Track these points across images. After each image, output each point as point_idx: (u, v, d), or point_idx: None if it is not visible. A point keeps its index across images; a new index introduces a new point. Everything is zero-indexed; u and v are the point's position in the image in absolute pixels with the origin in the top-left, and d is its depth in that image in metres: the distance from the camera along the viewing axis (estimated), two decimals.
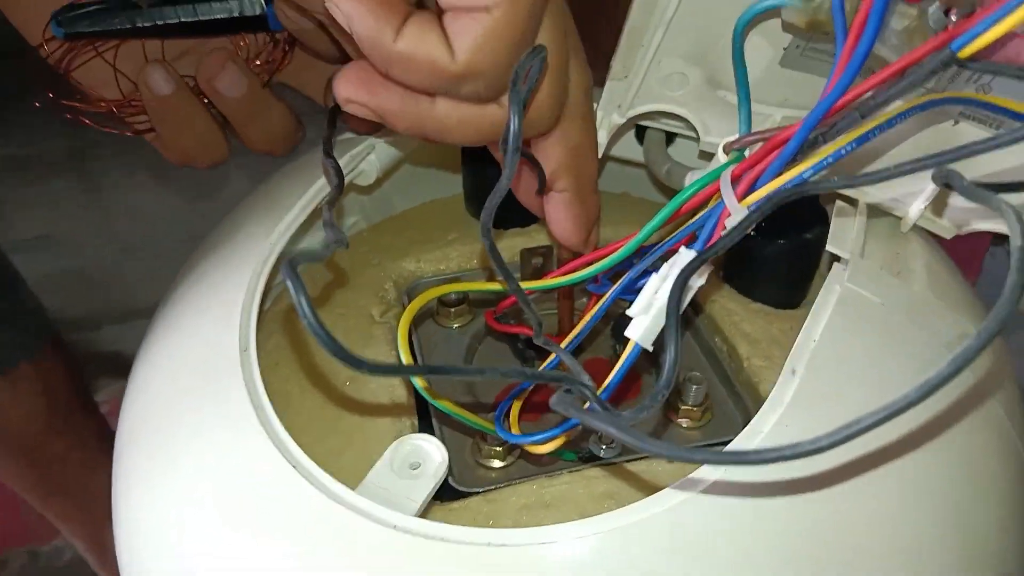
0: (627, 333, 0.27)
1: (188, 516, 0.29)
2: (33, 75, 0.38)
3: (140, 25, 0.35)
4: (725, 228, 0.27)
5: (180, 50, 0.38)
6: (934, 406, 0.29)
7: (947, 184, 0.24)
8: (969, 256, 0.87)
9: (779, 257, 0.38)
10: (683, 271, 0.26)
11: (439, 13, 0.27)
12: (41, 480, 0.79)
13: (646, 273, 0.30)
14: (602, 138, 0.37)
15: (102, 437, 0.82)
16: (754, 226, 0.27)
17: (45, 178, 1.58)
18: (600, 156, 0.38)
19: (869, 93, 0.26)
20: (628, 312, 0.27)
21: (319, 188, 0.38)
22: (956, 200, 0.35)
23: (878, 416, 0.18)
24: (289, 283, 0.20)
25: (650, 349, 0.27)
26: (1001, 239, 0.36)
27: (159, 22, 0.35)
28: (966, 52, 0.23)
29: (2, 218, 1.50)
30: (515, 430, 0.31)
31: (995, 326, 0.18)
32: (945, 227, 0.36)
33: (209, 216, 0.43)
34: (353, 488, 0.28)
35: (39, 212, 1.51)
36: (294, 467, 0.27)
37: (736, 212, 0.27)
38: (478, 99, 0.28)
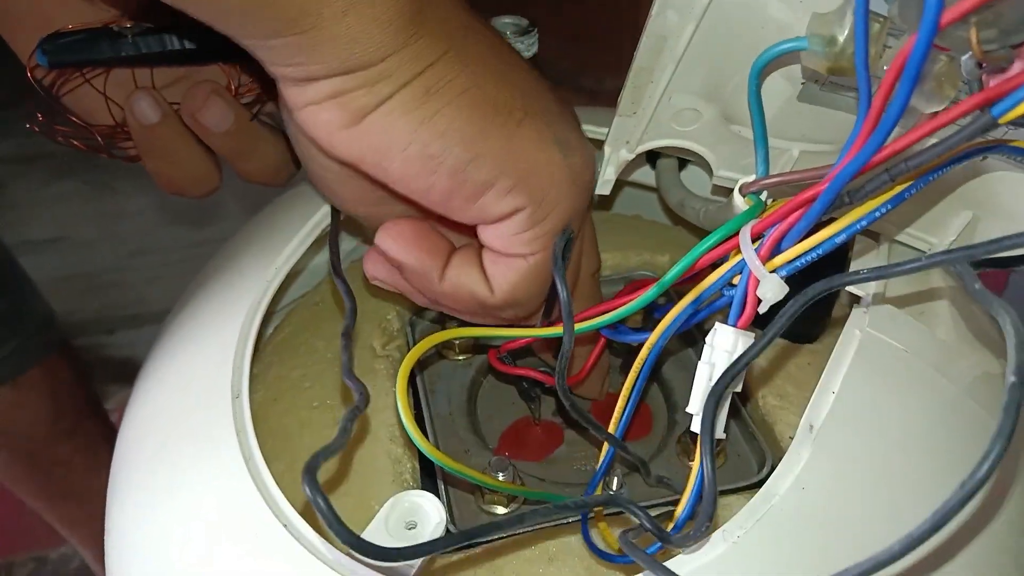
0: (694, 429, 0.26)
1: (174, 569, 0.28)
2: (30, 91, 0.37)
3: (125, 54, 0.34)
4: (759, 299, 0.26)
5: (172, 78, 0.37)
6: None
7: (959, 278, 0.23)
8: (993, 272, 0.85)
9: (796, 291, 0.37)
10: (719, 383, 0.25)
11: (479, 247, 0.31)
12: (47, 484, 0.79)
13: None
14: (610, 175, 0.36)
15: (109, 442, 0.81)
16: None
17: (55, 179, 1.58)
18: (610, 189, 0.37)
19: (904, 156, 0.24)
20: (688, 410, 0.27)
21: (317, 221, 0.37)
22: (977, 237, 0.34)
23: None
24: (307, 490, 0.21)
25: (723, 436, 0.27)
26: None
27: (144, 51, 0.34)
28: (1008, 117, 0.22)
29: (13, 219, 1.50)
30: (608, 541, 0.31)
31: (983, 474, 0.17)
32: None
33: (218, 219, 0.42)
34: (353, 534, 0.26)
35: (49, 214, 1.51)
36: (284, 526, 0.26)
37: (763, 278, 0.25)
38: (516, 319, 0.33)
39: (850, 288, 0.31)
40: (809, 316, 0.39)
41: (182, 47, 0.34)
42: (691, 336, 0.41)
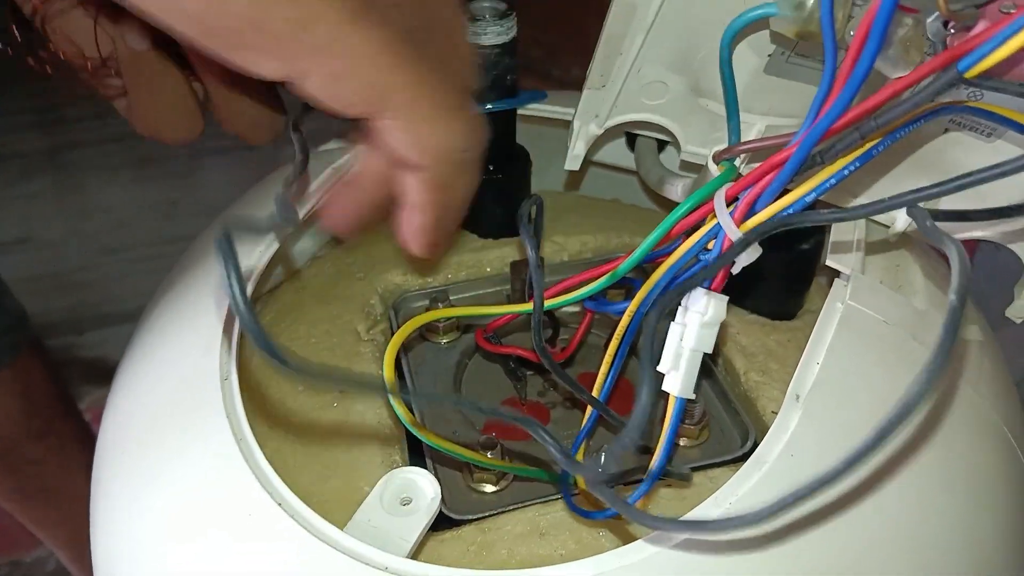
0: (665, 388, 0.27)
1: (168, 554, 0.28)
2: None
3: None
4: (733, 262, 0.26)
5: None
6: (929, 419, 0.28)
7: (913, 218, 0.23)
8: None
9: (775, 268, 0.37)
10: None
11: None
12: (21, 485, 0.78)
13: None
14: (579, 149, 0.36)
15: (83, 441, 0.81)
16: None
17: (22, 180, 1.55)
18: (579, 165, 0.37)
19: (872, 116, 0.25)
20: (659, 368, 0.27)
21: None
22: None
23: (813, 486, 0.19)
24: (219, 256, 0.18)
25: (692, 398, 0.27)
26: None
27: None
28: (974, 72, 0.22)
29: None
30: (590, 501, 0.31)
31: (914, 399, 0.17)
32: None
33: (188, 215, 0.42)
34: (343, 523, 0.26)
35: (15, 214, 1.48)
36: (279, 504, 0.26)
37: (736, 239, 0.26)
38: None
39: (829, 262, 0.32)
40: (787, 294, 0.40)
41: None
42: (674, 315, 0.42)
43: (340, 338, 0.39)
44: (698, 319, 0.27)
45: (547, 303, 0.31)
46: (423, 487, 0.27)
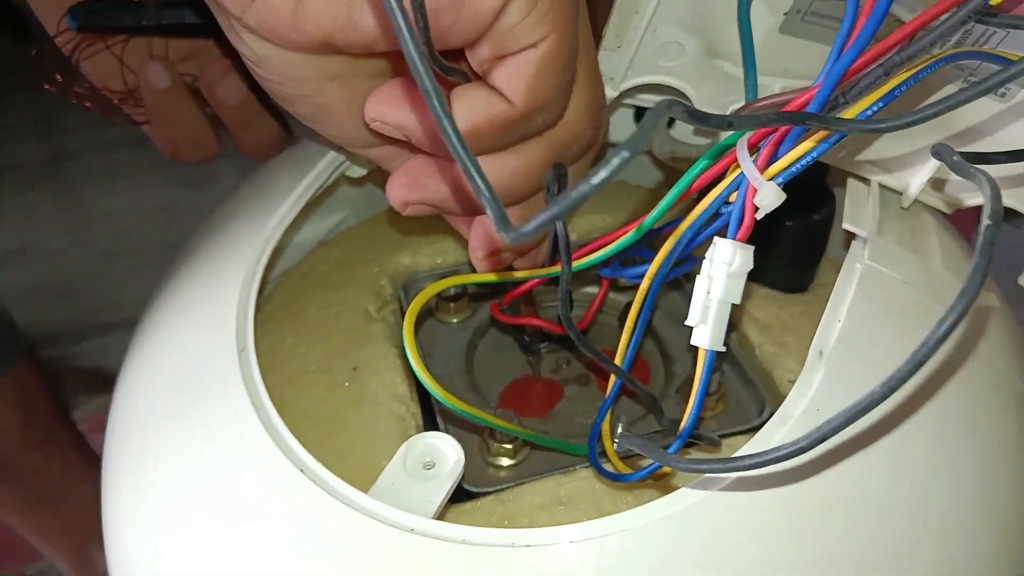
0: (695, 342, 0.26)
1: (189, 526, 0.27)
2: (40, 64, 0.42)
3: (146, 23, 0.38)
4: (756, 208, 0.26)
5: (188, 51, 0.42)
6: (942, 372, 0.28)
7: (939, 156, 0.23)
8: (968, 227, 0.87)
9: (787, 239, 0.37)
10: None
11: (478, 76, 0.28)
12: (20, 494, 0.78)
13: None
14: None
15: (81, 450, 0.80)
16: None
17: (22, 190, 1.54)
18: None
19: (896, 49, 0.25)
20: (687, 323, 0.26)
21: (312, 179, 0.36)
22: (953, 176, 0.35)
23: (851, 413, 0.19)
24: None
25: (723, 350, 0.27)
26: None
27: (164, 22, 0.38)
28: None
29: None
30: (618, 467, 0.30)
31: (961, 308, 0.17)
32: (944, 203, 0.36)
33: (188, 222, 0.43)
34: (365, 491, 0.26)
35: (15, 223, 1.47)
36: (301, 471, 0.26)
37: (760, 186, 0.25)
38: (546, 127, 0.30)
39: (846, 226, 0.31)
40: (799, 267, 0.40)
41: (197, 21, 0.38)
42: (680, 286, 0.42)
43: (351, 320, 0.38)
44: (725, 269, 0.26)
45: (574, 263, 0.31)
46: (446, 451, 0.27)
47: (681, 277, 0.41)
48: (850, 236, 0.33)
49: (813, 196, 0.37)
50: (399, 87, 0.28)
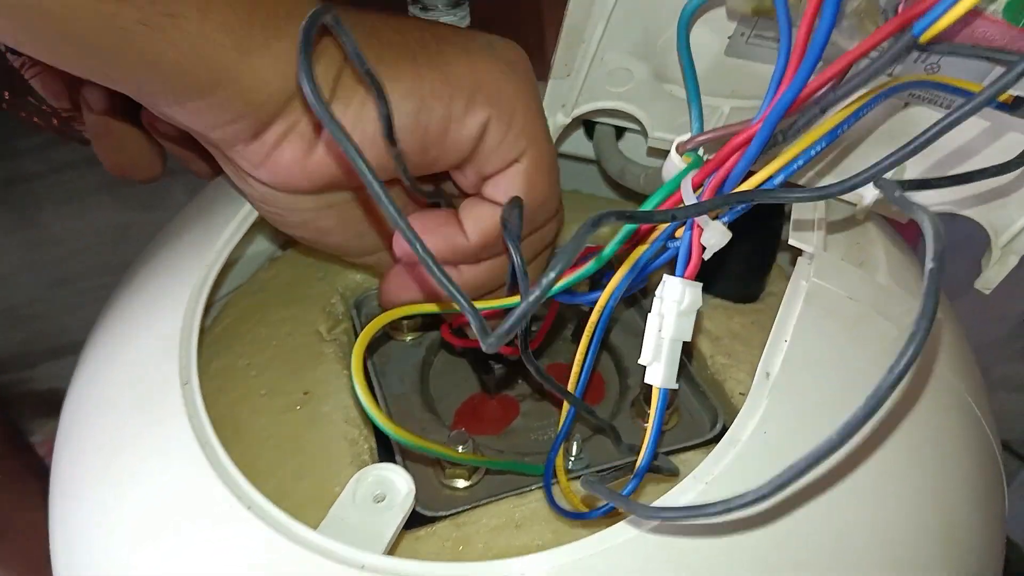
0: (649, 380, 0.27)
1: (134, 566, 0.27)
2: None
3: None
4: (703, 247, 0.26)
5: None
6: (899, 399, 0.28)
7: (882, 190, 0.23)
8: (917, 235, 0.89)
9: (737, 250, 0.37)
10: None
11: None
12: None
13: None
14: None
15: (37, 476, 0.79)
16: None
17: None
18: None
19: (828, 86, 0.25)
20: (640, 361, 0.27)
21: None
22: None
23: (808, 462, 0.19)
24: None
25: (676, 387, 0.27)
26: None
27: None
28: (928, 35, 0.23)
29: None
30: (572, 501, 0.31)
31: (911, 355, 0.17)
32: (898, 212, 0.36)
33: (141, 242, 0.42)
34: (314, 526, 0.26)
35: None
36: (248, 508, 0.25)
37: (706, 226, 0.26)
38: (548, 220, 0.33)
39: (792, 241, 0.32)
40: (749, 277, 0.40)
41: None
42: (637, 301, 0.42)
43: (303, 339, 0.38)
44: (675, 308, 0.26)
45: (515, 300, 0.31)
46: (396, 483, 0.27)
47: (638, 292, 0.42)
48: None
49: (762, 206, 0.37)
50: (401, 271, 0.33)
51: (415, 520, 0.31)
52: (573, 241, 0.21)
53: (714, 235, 0.27)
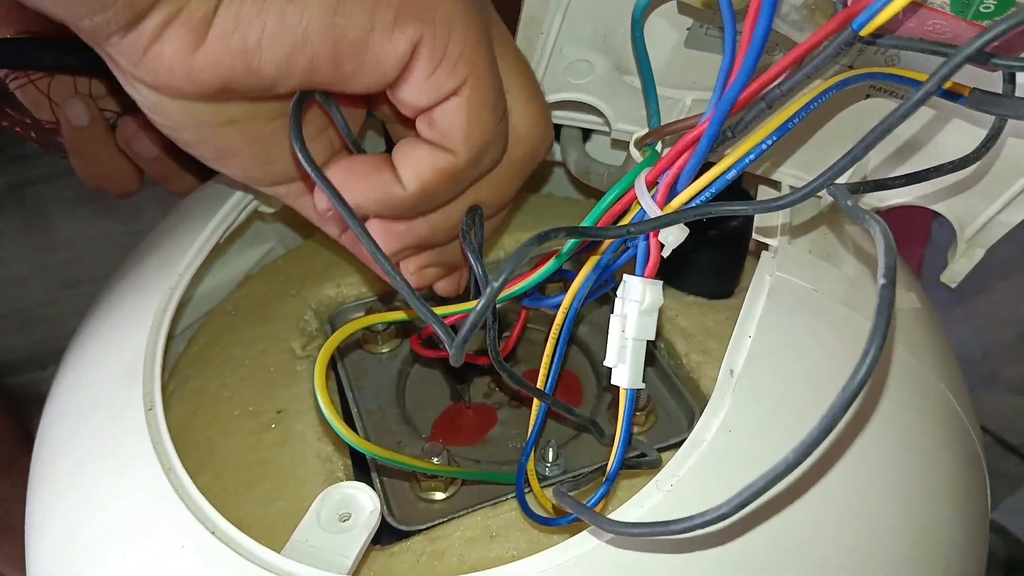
0: (615, 382, 0.26)
1: None
2: None
3: (66, 64, 0.39)
4: (662, 245, 0.26)
5: (111, 88, 0.42)
6: (874, 393, 0.28)
7: (834, 197, 0.23)
8: (907, 224, 0.88)
9: (707, 248, 0.37)
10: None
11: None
12: None
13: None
14: None
15: None
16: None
17: None
18: None
19: (776, 82, 0.25)
20: (605, 363, 0.27)
21: (217, 223, 0.35)
22: (874, 175, 0.35)
23: (769, 479, 0.19)
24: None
25: (642, 387, 0.27)
26: None
27: (83, 64, 0.39)
28: (867, 30, 0.22)
29: None
30: (545, 506, 0.30)
31: (864, 375, 0.17)
32: (865, 204, 0.36)
33: None
34: (280, 548, 0.26)
35: None
36: (212, 533, 0.25)
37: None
38: (494, 164, 0.30)
39: (756, 236, 0.32)
40: (722, 273, 0.40)
41: None
42: (610, 301, 0.42)
43: (276, 357, 0.38)
44: (637, 308, 0.26)
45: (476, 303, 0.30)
46: (361, 501, 0.27)
47: (611, 292, 0.41)
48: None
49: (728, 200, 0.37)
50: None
51: (391, 534, 0.30)
52: (516, 253, 0.21)
53: (671, 232, 0.26)
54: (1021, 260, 1.07)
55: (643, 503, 0.24)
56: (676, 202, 0.26)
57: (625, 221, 0.28)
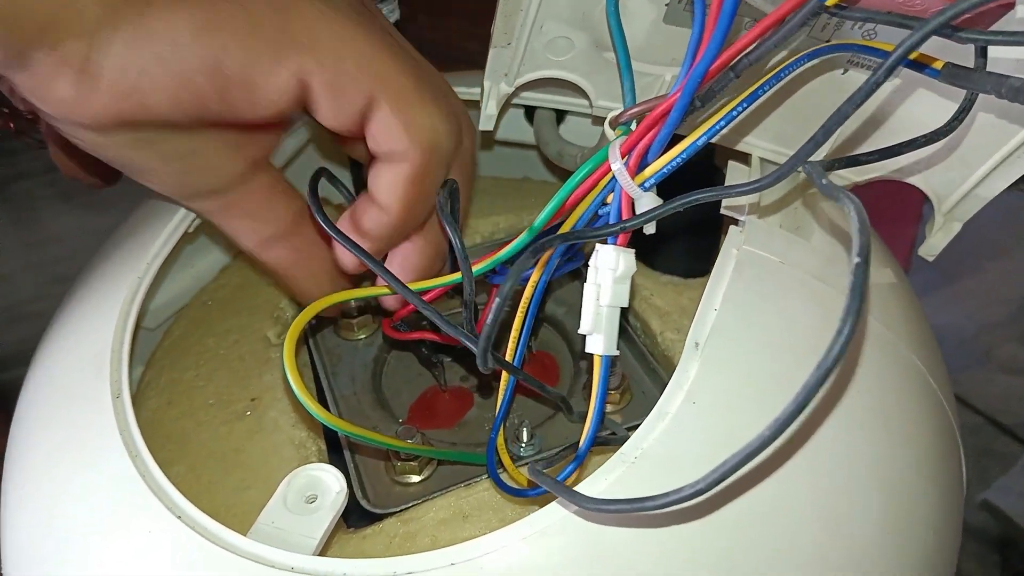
0: (590, 349, 0.27)
1: None
2: None
3: None
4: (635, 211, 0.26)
5: None
6: (848, 366, 0.28)
7: (809, 176, 0.23)
8: (899, 203, 0.88)
9: (680, 226, 0.37)
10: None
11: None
12: None
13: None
14: (491, 109, 0.36)
15: None
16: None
17: None
18: (493, 125, 0.36)
19: (744, 52, 0.25)
20: (580, 331, 0.27)
21: (185, 213, 0.35)
22: (851, 151, 0.35)
23: (744, 456, 0.18)
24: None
25: (616, 354, 0.27)
26: None
27: None
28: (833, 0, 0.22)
29: None
30: (517, 479, 0.30)
31: (837, 352, 0.17)
32: (844, 178, 0.36)
33: None
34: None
35: None
36: (179, 518, 0.25)
37: (633, 192, 0.25)
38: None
39: (724, 210, 0.32)
40: (696, 250, 0.40)
41: None
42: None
43: (250, 346, 0.38)
44: (611, 275, 0.26)
45: (452, 278, 0.30)
46: (328, 483, 0.26)
47: (582, 268, 0.41)
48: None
49: (701, 178, 0.37)
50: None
51: (364, 518, 0.30)
52: (515, 268, 0.23)
53: (648, 203, 0.26)
54: (1012, 240, 1.07)
55: (608, 475, 0.24)
56: (648, 171, 0.26)
57: (595, 192, 0.28)
